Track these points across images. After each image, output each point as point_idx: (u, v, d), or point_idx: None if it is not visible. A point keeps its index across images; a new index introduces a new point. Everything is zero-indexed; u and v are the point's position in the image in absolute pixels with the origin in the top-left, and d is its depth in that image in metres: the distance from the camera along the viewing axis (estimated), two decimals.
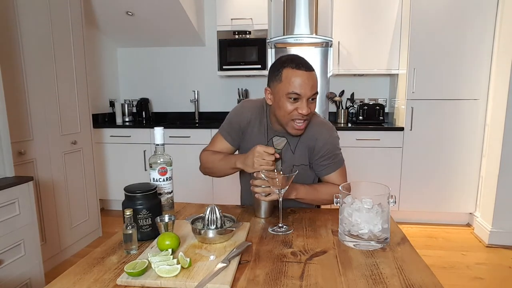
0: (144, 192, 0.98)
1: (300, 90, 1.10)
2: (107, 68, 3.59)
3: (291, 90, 1.10)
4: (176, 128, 3.11)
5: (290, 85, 1.10)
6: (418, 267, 0.83)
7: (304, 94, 1.10)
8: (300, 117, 1.13)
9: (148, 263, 0.80)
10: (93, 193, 2.68)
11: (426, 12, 2.69)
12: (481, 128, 2.74)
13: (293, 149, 1.26)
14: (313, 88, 1.12)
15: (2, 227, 1.56)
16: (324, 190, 1.24)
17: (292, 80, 1.10)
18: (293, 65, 1.11)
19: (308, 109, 1.12)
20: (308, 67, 1.12)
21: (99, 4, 2.96)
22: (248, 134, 1.32)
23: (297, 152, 1.27)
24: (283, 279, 0.78)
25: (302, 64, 1.11)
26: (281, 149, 1.27)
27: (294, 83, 1.10)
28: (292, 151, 1.27)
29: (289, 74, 1.11)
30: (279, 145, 1.27)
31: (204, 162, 1.36)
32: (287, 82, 1.11)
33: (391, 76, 3.29)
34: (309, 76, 1.11)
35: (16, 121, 1.98)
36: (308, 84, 1.10)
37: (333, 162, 1.26)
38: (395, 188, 2.90)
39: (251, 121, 1.31)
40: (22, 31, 2.00)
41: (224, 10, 3.13)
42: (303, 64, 1.11)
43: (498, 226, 2.52)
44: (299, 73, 1.10)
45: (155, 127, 1.11)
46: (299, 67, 1.10)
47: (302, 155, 1.27)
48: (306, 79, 1.10)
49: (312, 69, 1.13)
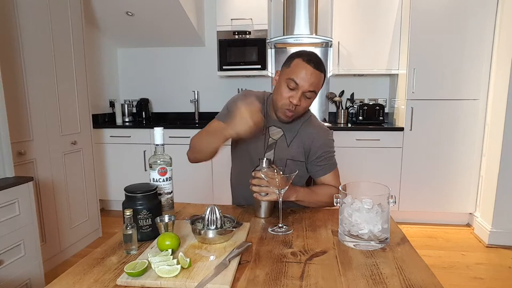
0: (144, 193, 0.98)
1: (299, 80, 1.16)
2: (107, 68, 3.59)
3: (292, 76, 1.16)
4: (176, 128, 3.11)
5: (293, 73, 1.17)
6: (418, 267, 0.83)
7: (301, 85, 1.16)
8: (290, 107, 1.19)
9: (148, 263, 0.80)
10: (93, 193, 2.68)
11: (426, 12, 2.69)
12: (481, 128, 2.74)
13: (288, 143, 1.30)
14: (312, 85, 1.16)
15: (2, 227, 1.56)
16: (323, 192, 1.26)
17: (297, 69, 1.16)
18: (306, 58, 1.17)
19: (299, 100, 1.17)
20: (317, 66, 1.17)
21: (99, 4, 2.97)
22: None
23: (292, 147, 1.29)
24: (283, 279, 0.78)
25: (313, 61, 1.17)
26: (276, 140, 1.30)
27: (297, 72, 1.16)
28: (287, 144, 1.30)
29: (298, 63, 1.17)
30: (275, 135, 1.31)
31: (192, 142, 1.31)
32: (293, 69, 1.18)
33: (391, 76, 3.29)
34: (313, 72, 1.16)
35: (16, 121, 1.98)
36: (309, 79, 1.15)
37: (328, 163, 1.30)
38: (395, 188, 2.90)
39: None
40: (22, 31, 2.00)
41: (224, 10, 3.13)
42: (314, 61, 1.17)
43: (498, 226, 2.52)
44: (307, 66, 1.16)
45: (155, 127, 1.11)
46: (309, 62, 1.16)
47: (297, 151, 1.30)
48: (310, 74, 1.15)
49: (320, 70, 1.18)
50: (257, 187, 1.12)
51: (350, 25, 3.01)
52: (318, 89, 1.20)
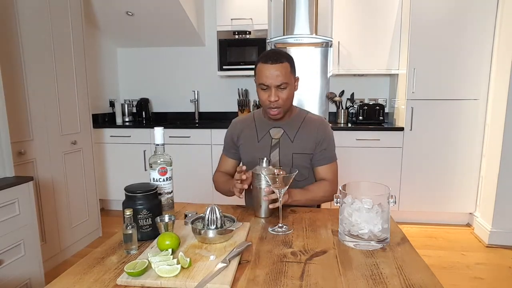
0: (144, 192, 0.98)
1: (266, 81, 1.24)
2: (107, 68, 3.59)
3: (260, 81, 1.26)
4: (176, 128, 3.11)
5: (260, 77, 1.26)
6: (418, 267, 0.83)
7: (270, 83, 1.24)
8: (271, 105, 1.28)
9: (148, 263, 0.80)
10: (93, 193, 2.68)
11: (426, 12, 2.69)
12: (481, 128, 2.74)
13: (292, 139, 1.36)
14: (278, 78, 1.23)
15: (2, 227, 1.56)
16: (317, 189, 1.32)
17: (261, 73, 1.25)
18: (263, 60, 1.24)
19: (275, 96, 1.25)
20: (275, 60, 1.23)
21: (99, 4, 2.96)
22: (242, 141, 1.43)
23: (297, 141, 1.36)
24: (283, 279, 0.78)
25: (270, 57, 1.23)
26: (278, 139, 1.37)
27: (262, 75, 1.25)
28: (291, 140, 1.36)
29: (259, 68, 1.26)
30: (276, 135, 1.38)
31: (216, 185, 1.49)
32: (258, 75, 1.27)
33: (391, 76, 3.29)
34: (274, 67, 1.23)
35: (16, 121, 1.97)
36: (274, 75, 1.23)
37: (329, 155, 1.37)
38: (395, 188, 2.90)
39: (243, 129, 1.44)
40: (22, 31, 2.00)
41: (224, 10, 3.13)
42: (271, 58, 1.23)
43: (498, 226, 2.52)
44: (266, 66, 1.23)
45: (155, 127, 1.11)
46: (266, 61, 1.23)
47: (302, 144, 1.36)
48: (271, 70, 1.23)
49: (280, 61, 1.23)
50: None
51: (350, 25, 3.01)
52: (288, 78, 1.25)
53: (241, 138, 1.44)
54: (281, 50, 1.29)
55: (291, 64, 1.27)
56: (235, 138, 1.46)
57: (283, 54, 1.26)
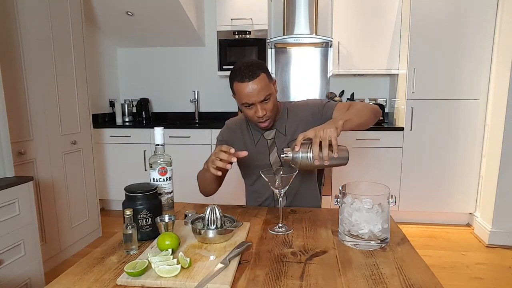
0: (144, 192, 0.98)
1: (249, 99, 1.21)
2: (107, 68, 3.59)
3: (242, 101, 1.23)
4: (176, 128, 3.11)
5: (241, 97, 1.23)
6: (418, 267, 0.83)
7: (253, 101, 1.21)
8: (260, 120, 1.27)
9: (148, 263, 0.80)
10: (93, 193, 2.68)
11: (426, 12, 2.69)
12: (481, 128, 2.74)
13: (284, 132, 1.37)
14: (260, 93, 1.20)
15: (2, 227, 1.56)
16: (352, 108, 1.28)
17: (241, 93, 1.22)
18: (239, 79, 1.20)
19: (262, 111, 1.23)
20: (252, 76, 1.18)
21: (99, 4, 2.97)
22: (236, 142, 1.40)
23: (289, 131, 1.36)
24: (283, 279, 0.78)
25: (245, 74, 1.19)
26: (272, 138, 1.38)
27: (242, 95, 1.21)
28: (284, 134, 1.37)
29: (238, 88, 1.22)
30: (269, 136, 1.38)
31: (198, 181, 1.42)
32: (238, 95, 1.24)
33: (391, 76, 3.29)
34: (253, 83, 1.19)
35: (16, 121, 1.98)
36: (255, 91, 1.19)
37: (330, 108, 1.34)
38: (395, 188, 2.90)
39: (236, 131, 1.43)
40: (22, 31, 2.00)
41: (224, 10, 3.13)
42: (246, 74, 1.19)
43: (498, 226, 2.52)
44: (244, 85, 1.19)
45: (155, 127, 1.11)
46: (243, 79, 1.19)
47: (296, 130, 1.34)
48: (252, 88, 1.19)
49: (256, 75, 1.19)
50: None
51: (350, 25, 3.01)
52: (268, 88, 1.23)
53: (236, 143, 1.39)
54: (252, 62, 1.22)
55: (266, 72, 1.23)
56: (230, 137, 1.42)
57: (255, 65, 1.21)
